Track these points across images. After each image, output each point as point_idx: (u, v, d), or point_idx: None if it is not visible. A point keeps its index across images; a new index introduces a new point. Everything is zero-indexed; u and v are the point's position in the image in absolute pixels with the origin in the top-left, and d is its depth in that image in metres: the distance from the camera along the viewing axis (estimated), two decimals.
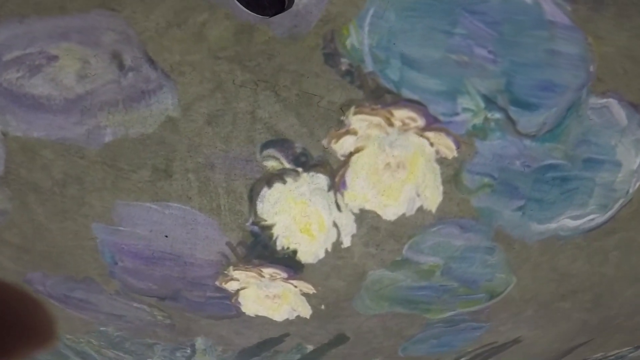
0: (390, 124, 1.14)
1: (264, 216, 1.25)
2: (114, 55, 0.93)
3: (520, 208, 1.31)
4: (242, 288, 1.51)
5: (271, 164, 1.17)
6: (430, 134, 1.14)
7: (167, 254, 1.48)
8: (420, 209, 1.23)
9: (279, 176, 1.18)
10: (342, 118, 1.13)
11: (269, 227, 1.27)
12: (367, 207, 1.22)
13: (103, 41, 0.93)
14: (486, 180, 1.22)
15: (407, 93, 1.12)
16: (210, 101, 1.06)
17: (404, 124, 1.14)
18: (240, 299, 1.56)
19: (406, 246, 1.30)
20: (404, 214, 1.23)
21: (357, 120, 1.13)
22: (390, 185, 1.19)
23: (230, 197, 1.24)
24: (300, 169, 1.18)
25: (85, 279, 1.50)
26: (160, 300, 1.64)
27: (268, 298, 1.52)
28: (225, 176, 1.22)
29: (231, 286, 1.51)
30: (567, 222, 1.38)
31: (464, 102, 1.14)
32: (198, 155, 1.18)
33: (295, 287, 1.45)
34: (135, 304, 1.64)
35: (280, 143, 1.15)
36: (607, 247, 1.48)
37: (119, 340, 1.81)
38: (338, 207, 1.23)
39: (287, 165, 1.17)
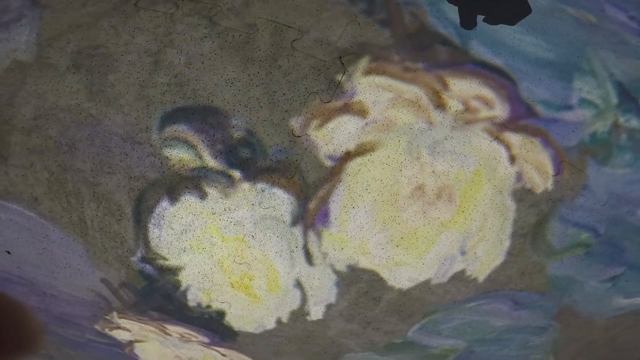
0: (440, 105, 0.54)
1: (163, 251, 0.64)
2: None
3: (612, 278, 0.79)
4: (138, 341, 0.94)
5: (179, 156, 0.56)
6: (513, 138, 0.56)
7: (14, 276, 0.94)
8: (459, 276, 0.66)
9: (192, 182, 0.57)
10: (339, 77, 0.52)
11: (173, 271, 0.67)
12: (364, 263, 0.63)
13: None
14: (584, 236, 0.67)
15: (479, 51, 0.56)
16: (86, 33, 0.62)
17: (467, 108, 0.55)
18: (137, 351, 0.99)
19: (416, 326, 0.74)
20: (427, 281, 0.66)
21: (370, 87, 0.53)
22: (415, 230, 0.60)
23: (102, 208, 0.64)
24: (237, 173, 0.57)
25: None
26: None
27: (179, 359, 0.95)
28: (93, 167, 0.61)
29: (120, 335, 0.93)
30: None
31: (584, 87, 0.58)
32: (49, 124, 0.61)
33: (224, 355, 0.88)
34: None
35: (200, 115, 0.54)
36: None
37: None
38: (308, 257, 0.63)
39: (211, 162, 0.56)
